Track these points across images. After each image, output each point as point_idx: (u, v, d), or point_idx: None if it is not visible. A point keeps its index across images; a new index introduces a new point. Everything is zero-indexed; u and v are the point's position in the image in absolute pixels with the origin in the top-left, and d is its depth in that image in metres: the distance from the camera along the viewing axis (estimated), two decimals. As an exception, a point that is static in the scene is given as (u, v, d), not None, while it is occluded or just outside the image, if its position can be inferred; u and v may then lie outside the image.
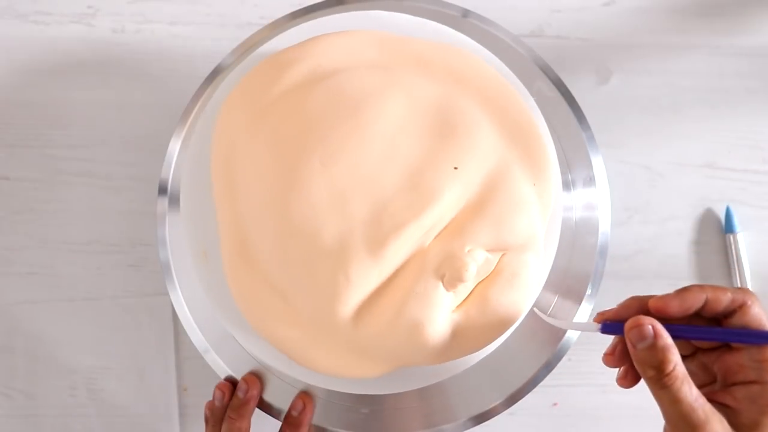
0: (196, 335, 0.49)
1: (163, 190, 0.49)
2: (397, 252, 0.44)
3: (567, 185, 0.51)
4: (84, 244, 0.56)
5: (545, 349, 0.49)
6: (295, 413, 0.49)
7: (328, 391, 0.49)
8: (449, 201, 0.44)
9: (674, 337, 0.37)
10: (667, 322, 0.37)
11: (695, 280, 0.56)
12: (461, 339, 0.44)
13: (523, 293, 0.45)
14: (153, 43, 0.57)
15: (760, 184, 0.57)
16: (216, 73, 0.50)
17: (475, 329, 0.44)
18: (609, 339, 0.56)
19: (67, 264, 0.55)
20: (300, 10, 0.51)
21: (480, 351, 0.48)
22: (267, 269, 0.46)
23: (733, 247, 0.56)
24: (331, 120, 0.45)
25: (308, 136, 0.45)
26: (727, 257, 0.56)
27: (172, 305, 0.49)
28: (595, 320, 0.40)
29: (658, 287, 0.56)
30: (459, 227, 0.44)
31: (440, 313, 0.43)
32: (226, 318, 0.48)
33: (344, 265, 0.44)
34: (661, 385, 0.36)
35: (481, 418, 0.48)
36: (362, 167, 0.45)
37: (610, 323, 0.39)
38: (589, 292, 0.49)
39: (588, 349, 0.55)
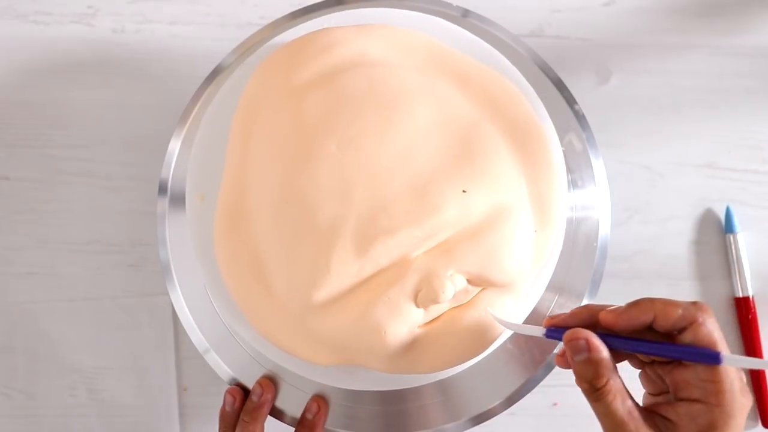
0: (196, 335, 0.49)
1: (163, 190, 0.49)
2: (382, 254, 0.44)
3: (567, 185, 0.50)
4: (84, 244, 0.56)
5: (545, 348, 0.49)
6: (309, 416, 0.49)
7: (329, 388, 0.49)
8: (447, 220, 0.44)
9: (614, 349, 0.37)
10: (617, 334, 0.37)
11: (695, 280, 0.56)
12: (418, 356, 0.44)
13: (491, 332, 0.45)
14: (153, 43, 0.57)
15: (760, 184, 0.57)
16: (216, 73, 0.50)
17: (434, 351, 0.44)
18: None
19: (67, 264, 0.55)
20: (300, 9, 0.51)
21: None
22: (255, 231, 0.46)
23: (733, 247, 0.56)
24: (359, 108, 0.45)
25: (333, 116, 0.45)
26: (727, 257, 0.56)
27: (172, 305, 0.49)
28: (543, 324, 0.40)
29: (658, 287, 0.56)
30: (448, 249, 0.44)
31: (404, 324, 0.43)
32: (204, 266, 0.48)
33: (328, 252, 0.44)
34: (594, 397, 0.36)
35: (481, 418, 0.48)
36: (374, 162, 0.45)
37: (555, 329, 0.39)
38: (589, 292, 0.49)
39: (588, 349, 0.55)
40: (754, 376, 0.55)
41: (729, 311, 0.56)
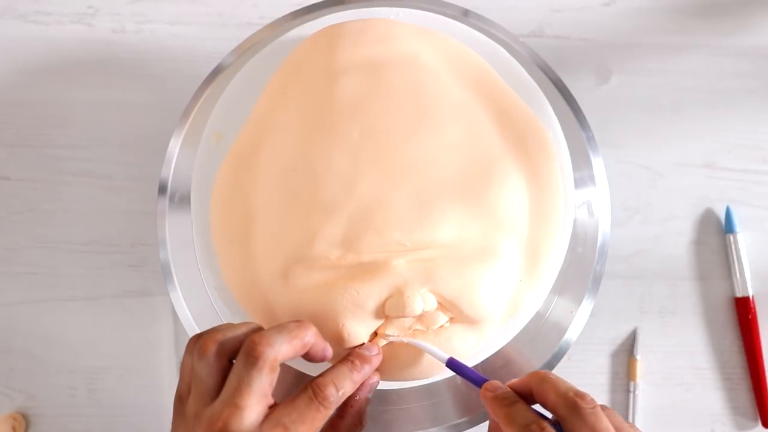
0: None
1: (163, 190, 0.49)
2: (366, 250, 0.44)
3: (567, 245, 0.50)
4: (84, 244, 0.56)
5: (545, 349, 0.49)
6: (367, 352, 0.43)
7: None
8: (439, 240, 0.44)
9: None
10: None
11: (695, 281, 0.56)
12: None
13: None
14: (153, 43, 0.57)
15: (760, 184, 0.57)
16: (216, 73, 0.50)
17: (386, 362, 0.44)
18: (610, 339, 0.56)
19: (67, 264, 0.55)
20: (300, 9, 0.51)
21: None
22: (255, 186, 0.46)
23: (733, 247, 0.56)
24: (394, 105, 0.46)
25: (366, 104, 0.46)
26: (727, 257, 0.56)
27: (172, 305, 0.49)
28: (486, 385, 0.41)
29: (658, 287, 0.56)
30: (430, 267, 0.44)
31: (362, 325, 0.43)
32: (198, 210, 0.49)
33: (316, 229, 0.44)
34: None
35: (481, 418, 0.48)
36: (390, 160, 0.45)
37: (456, 361, 0.42)
38: (589, 292, 0.49)
39: (588, 349, 0.55)
40: (754, 376, 0.55)
41: (729, 311, 0.56)
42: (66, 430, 0.55)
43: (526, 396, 0.39)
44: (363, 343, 0.43)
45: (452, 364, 0.42)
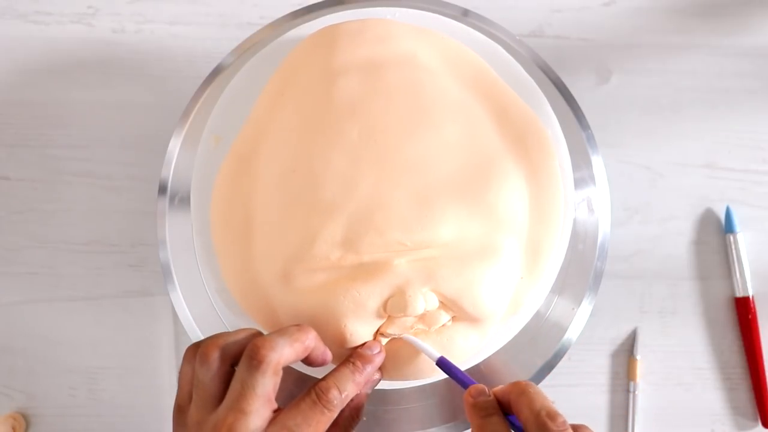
0: (196, 335, 0.49)
1: (163, 190, 0.49)
2: (367, 250, 0.44)
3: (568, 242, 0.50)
4: (84, 244, 0.56)
5: (545, 348, 0.49)
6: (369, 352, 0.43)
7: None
8: (439, 239, 0.44)
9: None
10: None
11: (695, 281, 0.56)
12: None
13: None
14: (153, 43, 0.57)
15: (760, 184, 0.57)
16: (216, 73, 0.50)
17: (388, 361, 0.44)
18: (610, 339, 0.56)
19: (67, 264, 0.55)
20: (300, 9, 0.51)
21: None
22: (256, 187, 0.46)
23: (733, 247, 0.56)
24: (392, 104, 0.46)
25: (365, 104, 0.46)
26: (727, 257, 0.56)
27: (172, 305, 0.49)
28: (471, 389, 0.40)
29: (658, 287, 0.56)
30: (432, 267, 0.44)
31: (364, 325, 0.43)
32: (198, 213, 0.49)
33: (316, 230, 0.44)
34: None
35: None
36: (389, 160, 0.45)
37: (447, 361, 0.42)
38: (588, 292, 0.49)
39: (588, 349, 0.55)
40: (754, 376, 0.55)
41: (729, 311, 0.56)
42: (66, 430, 0.55)
43: (507, 406, 0.39)
44: (365, 342, 0.43)
45: (442, 363, 0.42)
